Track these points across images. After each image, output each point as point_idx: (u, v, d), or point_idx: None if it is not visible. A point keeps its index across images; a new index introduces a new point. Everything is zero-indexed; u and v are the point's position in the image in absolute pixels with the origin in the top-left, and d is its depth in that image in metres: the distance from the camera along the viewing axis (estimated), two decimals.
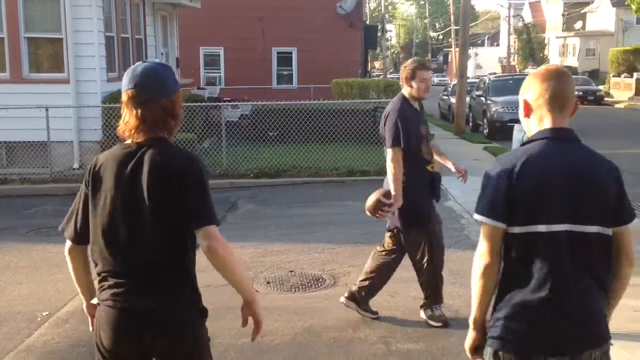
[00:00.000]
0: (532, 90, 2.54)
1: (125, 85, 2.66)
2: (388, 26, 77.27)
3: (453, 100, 23.90)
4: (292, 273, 6.67)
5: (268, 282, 6.38)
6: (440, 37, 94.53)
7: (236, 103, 16.45)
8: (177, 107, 2.71)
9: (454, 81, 27.08)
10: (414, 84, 5.25)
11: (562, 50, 61.97)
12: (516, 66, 62.56)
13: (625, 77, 40.58)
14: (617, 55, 43.46)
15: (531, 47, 63.68)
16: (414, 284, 6.24)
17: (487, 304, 2.57)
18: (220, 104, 14.66)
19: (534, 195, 2.41)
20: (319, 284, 6.34)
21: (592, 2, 58.40)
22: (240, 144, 14.01)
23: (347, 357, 4.67)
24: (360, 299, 5.35)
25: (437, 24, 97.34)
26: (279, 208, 10.30)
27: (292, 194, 11.42)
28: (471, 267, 2.74)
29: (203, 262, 7.12)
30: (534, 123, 2.56)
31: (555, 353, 2.40)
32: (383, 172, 12.35)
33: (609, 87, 42.38)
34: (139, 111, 2.62)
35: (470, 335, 2.68)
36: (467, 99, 22.57)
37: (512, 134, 15.43)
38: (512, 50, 61.58)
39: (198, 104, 14.66)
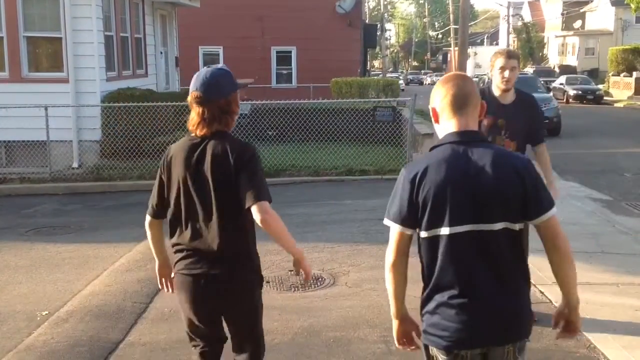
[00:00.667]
0: (436, 96, 2.68)
1: (191, 88, 3.21)
2: (387, 25, 77.24)
3: None
4: (292, 272, 6.65)
5: (267, 282, 6.37)
6: (440, 36, 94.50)
7: None
8: (232, 106, 3.25)
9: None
10: (493, 72, 5.01)
11: (561, 49, 61.97)
12: None
13: (624, 76, 40.57)
14: (616, 54, 43.45)
15: (530, 46, 63.68)
16: (412, 282, 6.24)
17: (401, 295, 2.74)
18: None
19: (435, 201, 2.53)
20: (319, 284, 6.34)
21: (592, 1, 58.40)
22: None
23: (347, 357, 4.67)
24: None
25: (436, 23, 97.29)
26: (278, 207, 10.17)
27: (292, 193, 11.40)
28: None
29: None
30: (441, 128, 2.68)
31: (472, 347, 2.57)
32: (382, 172, 12.45)
33: (609, 86, 42.37)
34: (201, 109, 3.18)
35: (394, 325, 2.81)
36: None
37: None
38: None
39: None
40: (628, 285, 5.74)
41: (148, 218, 3.46)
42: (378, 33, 40.65)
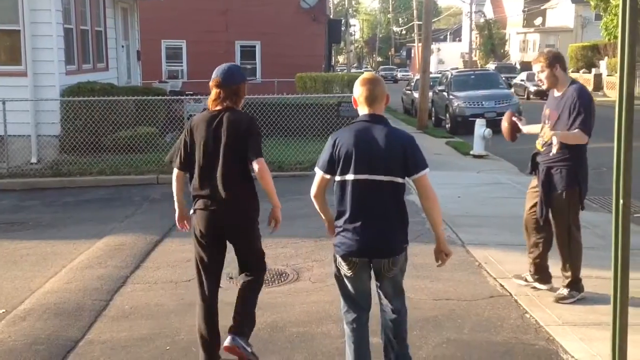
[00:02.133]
0: (356, 92, 3.88)
1: (213, 75, 4.42)
2: (352, 21, 77.31)
3: (416, 95, 24.06)
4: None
5: (231, 278, 6.33)
6: (404, 32, 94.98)
7: (199, 97, 16.28)
8: (240, 91, 4.45)
9: (417, 76, 27.24)
10: None
11: (522, 45, 62.85)
12: (478, 62, 63.24)
13: (584, 72, 41.33)
14: (576, 51, 44.24)
15: (492, 42, 64.45)
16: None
17: (327, 216, 4.04)
18: (182, 97, 14.49)
19: (345, 157, 3.74)
20: (283, 279, 6.32)
21: None
22: None
23: (310, 352, 4.66)
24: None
25: (400, 19, 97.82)
26: None
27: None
28: (434, 260, 3.99)
29: (172, 258, 7.03)
30: (359, 110, 3.90)
31: (360, 256, 3.78)
32: None
33: None
34: (218, 91, 4.39)
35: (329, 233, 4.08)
36: (430, 94, 22.72)
37: (473, 128, 15.66)
38: (473, 46, 62.21)
39: (160, 97, 14.47)
40: (586, 278, 5.84)
41: (175, 171, 4.49)
42: (342, 28, 40.70)
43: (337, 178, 3.78)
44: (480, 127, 14.96)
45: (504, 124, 6.16)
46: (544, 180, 5.61)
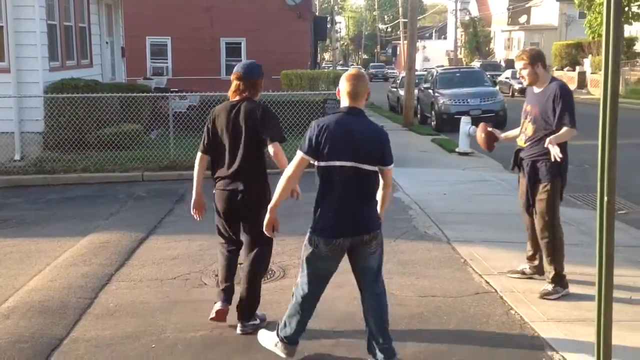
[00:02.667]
0: (341, 86, 4.24)
1: (235, 70, 5.03)
2: (337, 18, 77.38)
3: (402, 92, 24.09)
4: (241, 266, 6.61)
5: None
6: (389, 29, 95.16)
7: (184, 94, 16.22)
8: (257, 85, 5.03)
9: (403, 73, 27.28)
10: None
11: (507, 43, 63.14)
12: (463, 59, 63.48)
13: (568, 70, 41.61)
14: (560, 49, 44.52)
15: (477, 40, 64.72)
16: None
17: (283, 198, 4.36)
18: (167, 94, 14.41)
19: (330, 144, 4.09)
20: (268, 276, 6.30)
21: None
22: (188, 135, 13.80)
23: (298, 350, 4.64)
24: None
25: (386, 17, 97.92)
26: None
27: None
28: (420, 257, 3.39)
29: (157, 255, 7.00)
30: (342, 102, 4.26)
31: (345, 236, 4.15)
32: None
33: None
34: (238, 83, 4.97)
35: (268, 217, 4.42)
36: (416, 91, 22.77)
37: (459, 125, 15.70)
38: (459, 44, 62.44)
39: (145, 94, 14.39)
40: (570, 275, 5.88)
41: (199, 154, 5.05)
42: (328, 26, 40.68)
43: (322, 164, 4.11)
44: (466, 125, 15.02)
45: (480, 135, 6.28)
46: (530, 173, 5.74)
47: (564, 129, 5.49)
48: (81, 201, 10.56)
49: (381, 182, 4.27)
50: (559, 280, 5.64)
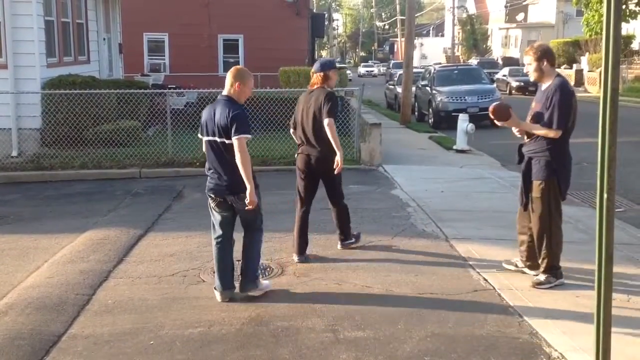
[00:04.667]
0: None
1: (315, 65, 6.74)
2: (335, 15, 77.29)
3: (399, 89, 24.09)
4: (239, 262, 6.61)
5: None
6: (387, 27, 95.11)
7: (182, 90, 16.19)
8: (328, 76, 6.61)
9: (400, 71, 27.26)
10: None
11: (504, 41, 63.15)
12: (460, 56, 63.48)
13: (565, 68, 41.58)
14: (557, 46, 44.47)
15: (475, 38, 64.74)
16: (361, 271, 6.28)
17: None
18: (165, 91, 14.39)
19: (203, 124, 5.54)
20: (267, 273, 6.31)
21: None
22: (186, 132, 13.78)
23: (295, 347, 4.66)
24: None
25: (383, 14, 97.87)
26: None
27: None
28: (418, 255, 3.24)
29: (155, 252, 6.99)
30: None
31: (215, 195, 5.53)
32: None
33: None
34: (316, 75, 6.62)
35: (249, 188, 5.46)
36: (413, 88, 22.77)
37: (456, 123, 15.71)
38: (456, 41, 62.43)
39: (142, 91, 14.37)
40: (568, 272, 5.89)
41: (291, 130, 6.85)
42: (326, 23, 40.63)
43: (204, 139, 5.64)
44: (463, 122, 15.02)
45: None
46: (524, 170, 5.84)
47: (545, 128, 5.57)
48: (79, 198, 10.54)
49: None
50: (552, 270, 5.73)
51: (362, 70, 67.91)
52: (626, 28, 38.71)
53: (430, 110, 21.60)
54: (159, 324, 5.13)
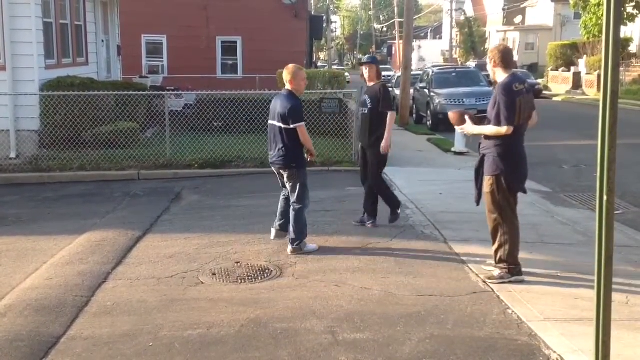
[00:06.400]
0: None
1: (364, 59, 8.31)
2: (333, 17, 77.30)
3: (397, 92, 24.10)
4: (238, 264, 6.62)
5: (214, 274, 6.32)
6: (385, 29, 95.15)
7: (180, 92, 16.19)
8: (377, 70, 8.04)
9: (398, 73, 27.29)
10: None
11: (502, 43, 63.07)
12: (458, 59, 63.52)
13: (563, 70, 41.67)
14: (555, 49, 44.59)
15: (473, 40, 64.78)
16: (360, 273, 6.28)
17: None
18: (163, 92, 14.39)
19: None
20: (265, 275, 6.31)
21: None
22: (184, 134, 13.81)
23: (294, 348, 4.66)
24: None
25: (381, 16, 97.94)
26: (224, 199, 10.21)
27: (238, 184, 11.34)
28: (417, 257, 3.25)
29: (154, 254, 6.98)
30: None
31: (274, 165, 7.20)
32: (328, 163, 12.47)
33: (548, 81, 43.45)
34: (364, 70, 8.05)
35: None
36: (411, 91, 22.78)
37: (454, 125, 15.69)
38: (454, 44, 62.49)
39: (140, 92, 14.37)
40: (567, 274, 5.91)
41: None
42: (324, 25, 40.66)
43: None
44: None
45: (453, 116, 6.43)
46: (477, 166, 6.11)
47: (489, 126, 5.84)
48: (77, 199, 10.54)
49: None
50: (508, 268, 5.88)
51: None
52: (624, 31, 38.71)
53: (429, 112, 21.62)
54: (158, 325, 5.12)
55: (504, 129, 5.73)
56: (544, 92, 38.79)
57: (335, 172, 12.28)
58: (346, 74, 37.34)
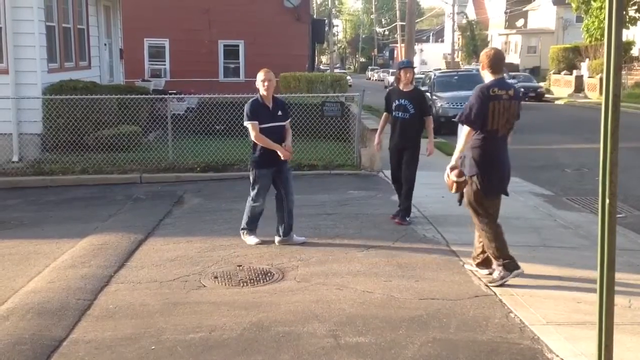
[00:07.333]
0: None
1: (402, 63, 8.83)
2: (335, 21, 77.31)
3: None
4: (240, 267, 6.62)
5: (216, 277, 6.32)
6: (387, 32, 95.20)
7: (182, 96, 16.21)
8: (414, 74, 8.57)
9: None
10: None
11: (504, 47, 63.12)
12: (460, 62, 63.56)
13: (565, 74, 41.66)
14: (557, 52, 44.60)
15: (475, 43, 64.79)
16: (362, 276, 6.28)
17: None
18: (166, 96, 14.41)
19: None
20: (268, 278, 6.31)
21: (534, 0, 59.69)
22: (186, 138, 13.82)
23: (296, 352, 4.66)
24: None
25: (383, 20, 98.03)
26: (226, 202, 10.21)
27: (240, 188, 11.32)
28: (419, 260, 3.23)
29: (156, 257, 6.99)
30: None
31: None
32: (330, 166, 12.48)
33: (550, 84, 43.44)
34: (403, 73, 8.39)
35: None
36: None
37: (456, 128, 15.68)
38: (456, 47, 62.52)
39: (143, 96, 14.39)
40: (570, 278, 5.90)
41: (385, 114, 8.52)
42: (326, 28, 40.69)
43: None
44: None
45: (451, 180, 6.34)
46: (460, 166, 6.26)
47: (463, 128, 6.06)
48: (80, 203, 10.54)
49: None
50: (503, 266, 5.90)
51: (376, 75, 67.98)
52: (626, 34, 38.74)
53: None
54: (160, 329, 5.13)
55: (465, 129, 5.94)
56: (546, 95, 38.77)
57: (337, 175, 12.28)
58: (348, 77, 37.39)
